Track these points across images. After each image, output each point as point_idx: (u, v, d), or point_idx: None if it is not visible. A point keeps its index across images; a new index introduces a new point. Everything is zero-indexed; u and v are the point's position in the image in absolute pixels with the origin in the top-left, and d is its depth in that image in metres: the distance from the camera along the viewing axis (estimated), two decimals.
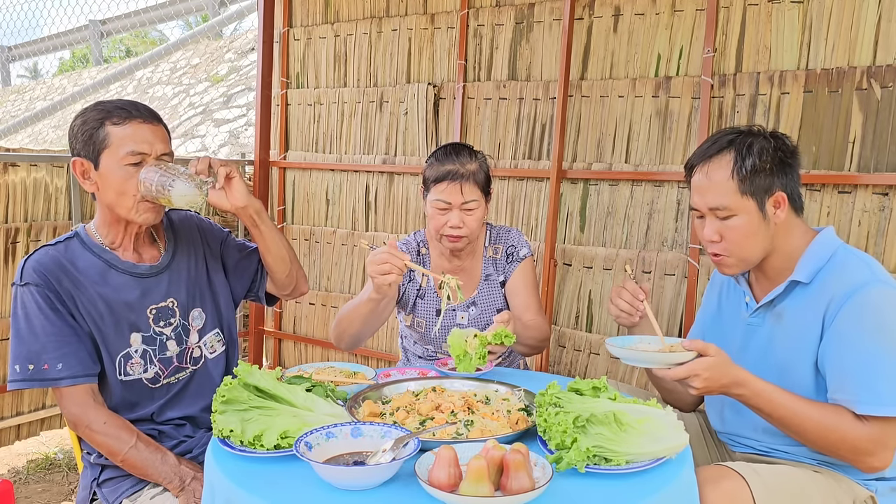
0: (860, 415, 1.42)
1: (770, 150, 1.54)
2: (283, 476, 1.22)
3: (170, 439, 1.72)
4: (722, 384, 1.44)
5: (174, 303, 1.74)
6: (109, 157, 1.58)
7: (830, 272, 1.53)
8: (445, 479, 1.11)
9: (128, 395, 1.68)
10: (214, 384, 1.79)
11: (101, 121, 1.58)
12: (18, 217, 3.11)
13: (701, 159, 1.59)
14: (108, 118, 1.58)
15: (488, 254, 2.18)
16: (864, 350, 1.43)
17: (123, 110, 1.59)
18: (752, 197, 1.53)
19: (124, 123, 1.58)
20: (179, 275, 1.77)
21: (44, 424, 3.34)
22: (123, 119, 1.58)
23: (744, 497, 1.42)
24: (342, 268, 3.81)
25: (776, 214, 1.55)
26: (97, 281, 1.64)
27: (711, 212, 1.57)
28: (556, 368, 3.16)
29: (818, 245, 1.57)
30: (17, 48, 13.14)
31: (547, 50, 3.11)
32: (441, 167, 2.01)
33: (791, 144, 1.59)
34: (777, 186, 1.55)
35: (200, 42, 10.25)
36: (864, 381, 1.42)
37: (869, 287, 1.46)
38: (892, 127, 2.38)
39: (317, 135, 3.89)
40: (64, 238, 1.68)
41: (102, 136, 1.57)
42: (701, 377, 1.41)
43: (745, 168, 1.52)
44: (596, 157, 3.01)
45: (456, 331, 1.78)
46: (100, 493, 1.69)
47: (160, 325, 1.71)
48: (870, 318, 1.45)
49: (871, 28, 2.41)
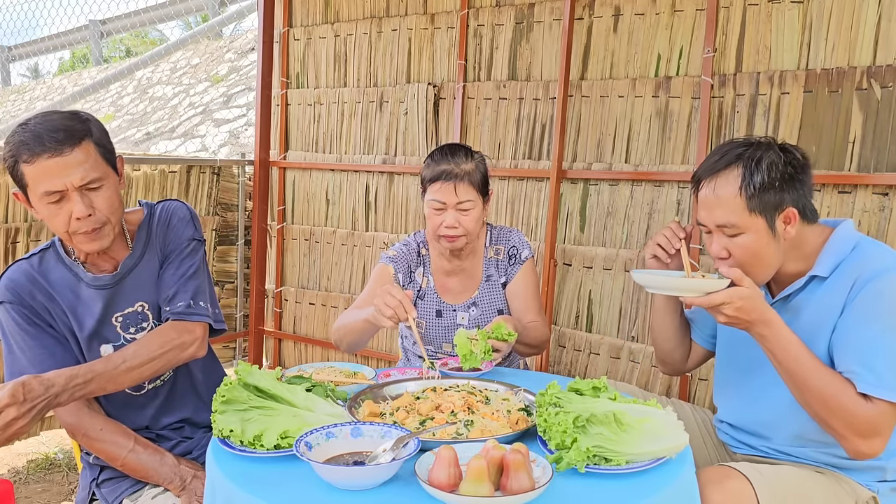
0: (862, 393, 1.40)
1: (780, 164, 1.48)
2: (283, 476, 1.22)
3: (168, 441, 1.72)
4: (751, 318, 1.43)
5: (144, 306, 1.69)
6: (33, 195, 1.51)
7: (852, 263, 1.49)
8: (445, 479, 1.11)
9: (114, 409, 1.68)
10: (197, 379, 1.78)
11: (15, 159, 1.49)
12: (18, 217, 3.11)
13: (708, 173, 1.53)
14: (20, 156, 1.48)
15: (489, 254, 2.18)
16: (872, 330, 1.42)
17: (27, 146, 1.46)
18: (760, 214, 1.48)
19: (32, 161, 1.46)
20: (146, 275, 1.70)
21: (44, 424, 3.33)
22: (31, 156, 1.46)
23: (748, 497, 1.42)
24: (342, 268, 3.81)
25: (786, 230, 1.50)
26: (68, 295, 1.63)
27: (719, 228, 1.53)
28: (556, 368, 3.16)
29: (839, 240, 1.53)
30: (17, 48, 13.14)
31: (547, 50, 3.11)
32: (436, 167, 2.01)
33: (801, 158, 1.52)
34: (787, 202, 1.48)
35: (200, 42, 10.25)
36: (866, 361, 1.40)
37: (891, 272, 1.43)
38: (892, 127, 2.38)
39: (317, 135, 3.89)
40: (39, 250, 1.66)
41: (20, 174, 1.50)
42: (734, 305, 1.41)
43: (754, 185, 1.47)
44: (596, 157, 3.01)
45: (462, 331, 1.78)
46: (99, 494, 1.69)
47: (130, 331, 1.67)
48: (885, 302, 1.43)
49: (871, 28, 2.41)
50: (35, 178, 1.48)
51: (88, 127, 1.54)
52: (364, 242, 3.71)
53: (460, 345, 1.75)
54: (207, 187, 3.94)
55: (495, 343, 1.77)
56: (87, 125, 1.54)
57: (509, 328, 1.81)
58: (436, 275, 2.18)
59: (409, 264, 2.17)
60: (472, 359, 1.74)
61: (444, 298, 2.17)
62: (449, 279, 2.18)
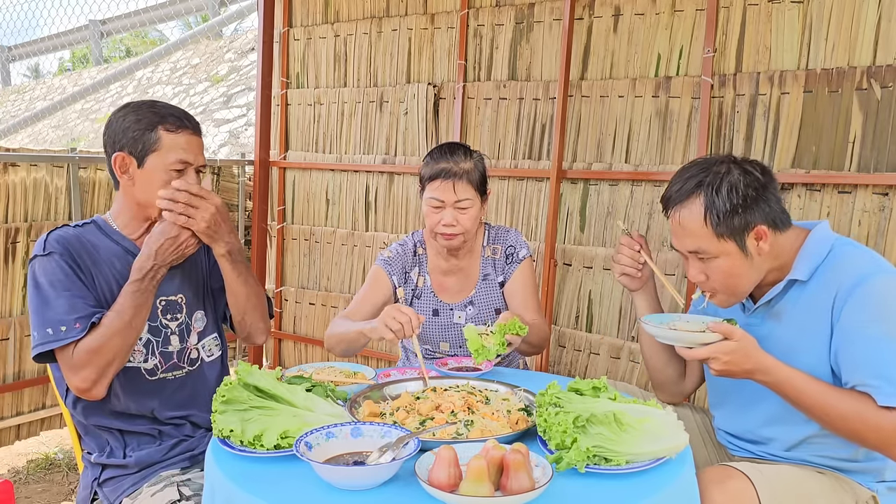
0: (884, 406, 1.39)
1: (740, 187, 1.48)
2: (283, 476, 1.22)
3: (170, 438, 1.73)
4: (745, 369, 1.43)
5: (183, 299, 1.77)
6: (157, 160, 1.63)
7: (831, 267, 1.50)
8: (445, 479, 1.11)
9: (127, 383, 1.68)
10: (210, 388, 1.79)
11: (155, 124, 1.63)
12: (18, 217, 3.11)
13: (672, 203, 1.55)
14: (163, 123, 1.63)
15: (486, 254, 2.18)
16: (874, 339, 1.41)
17: (177, 118, 1.65)
18: (729, 238, 1.49)
19: (177, 132, 1.64)
20: (190, 273, 1.80)
21: (44, 424, 3.34)
22: (177, 127, 1.64)
23: (749, 497, 1.42)
24: (342, 268, 3.81)
25: (759, 247, 1.51)
26: (114, 263, 1.67)
27: (692, 254, 1.54)
28: (556, 368, 3.16)
29: (814, 242, 1.54)
30: (17, 48, 13.14)
31: (547, 50, 3.11)
32: (435, 165, 2.02)
33: (761, 174, 1.51)
34: (755, 221, 1.49)
35: (200, 42, 10.25)
36: (879, 372, 1.39)
37: (874, 277, 1.44)
38: (892, 127, 2.38)
39: (317, 135, 3.89)
40: (82, 223, 1.72)
41: (154, 138, 1.63)
42: (721, 360, 1.41)
43: (717, 212, 1.47)
44: (596, 157, 3.01)
45: (471, 326, 1.80)
46: (100, 493, 1.69)
47: (167, 317, 1.74)
48: (877, 307, 1.43)
49: (871, 28, 2.41)
50: (174, 145, 1.64)
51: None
52: (364, 242, 3.71)
53: (471, 339, 1.77)
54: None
55: (511, 337, 1.78)
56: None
57: (521, 323, 1.82)
58: (433, 274, 2.18)
59: (403, 265, 2.17)
60: (484, 352, 1.75)
61: (440, 297, 2.17)
62: (446, 278, 2.18)
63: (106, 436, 1.71)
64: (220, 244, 1.67)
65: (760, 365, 1.43)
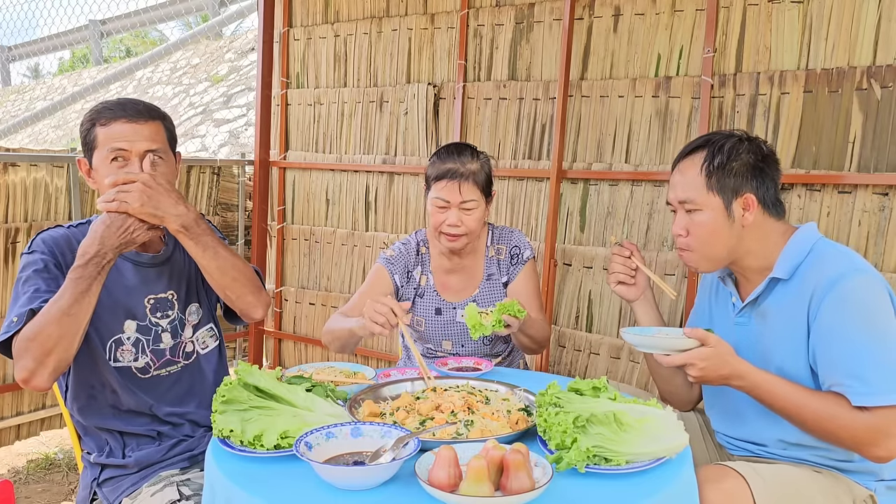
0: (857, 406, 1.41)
1: (742, 151, 1.56)
2: (283, 476, 1.22)
3: (169, 438, 1.73)
4: (721, 375, 1.45)
5: (174, 295, 1.77)
6: (97, 157, 1.64)
7: (810, 266, 1.53)
8: (445, 479, 1.11)
9: (122, 381, 1.68)
10: (206, 380, 1.81)
11: (93, 122, 1.64)
12: (18, 217, 3.11)
13: (681, 157, 1.64)
14: (98, 118, 1.64)
15: (490, 254, 2.18)
16: (850, 340, 1.43)
17: (110, 110, 1.64)
18: (718, 194, 1.55)
19: (108, 124, 1.62)
20: (180, 268, 1.80)
21: (44, 424, 3.34)
22: (108, 119, 1.63)
23: (744, 497, 1.42)
24: (342, 268, 3.81)
25: (744, 216, 1.56)
26: None
27: (681, 205, 1.61)
28: (556, 368, 3.16)
29: (796, 241, 1.57)
30: (17, 48, 13.15)
31: (547, 50, 3.11)
32: (442, 165, 2.02)
33: (767, 149, 1.60)
34: (747, 189, 1.56)
35: (200, 42, 10.25)
36: (853, 372, 1.42)
37: (848, 277, 1.46)
38: (892, 127, 2.38)
39: (317, 135, 3.89)
40: (78, 223, 1.74)
41: (92, 136, 1.64)
42: (697, 367, 1.43)
43: (714, 165, 1.55)
44: (596, 157, 3.01)
45: (473, 304, 1.85)
46: (100, 493, 1.69)
47: (157, 315, 1.74)
48: (852, 307, 1.45)
49: (871, 28, 2.41)
50: (106, 137, 1.62)
51: (164, 114, 1.72)
52: (364, 242, 3.71)
53: (470, 315, 1.81)
54: (207, 187, 3.94)
55: (508, 318, 1.81)
56: (164, 114, 1.72)
57: (519, 306, 1.84)
58: (436, 273, 2.19)
59: (406, 264, 2.17)
60: (481, 328, 1.79)
61: (443, 296, 2.17)
62: (449, 277, 2.18)
63: (105, 436, 1.71)
64: (170, 219, 1.57)
65: (735, 370, 1.45)
